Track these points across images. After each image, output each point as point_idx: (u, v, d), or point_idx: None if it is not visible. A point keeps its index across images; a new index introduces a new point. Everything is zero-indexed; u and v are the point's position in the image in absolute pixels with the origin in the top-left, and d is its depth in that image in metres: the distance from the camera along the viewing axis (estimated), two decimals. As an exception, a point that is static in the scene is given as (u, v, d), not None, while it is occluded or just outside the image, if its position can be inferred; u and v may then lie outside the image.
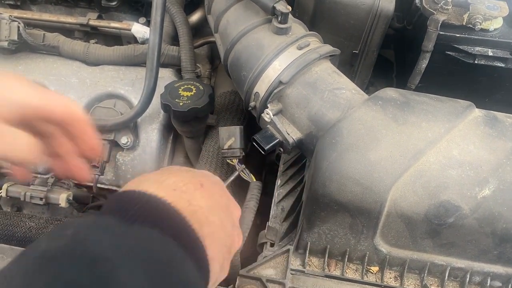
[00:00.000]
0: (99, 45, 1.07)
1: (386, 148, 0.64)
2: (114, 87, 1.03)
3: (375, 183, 0.63)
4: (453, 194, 0.63)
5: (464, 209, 0.63)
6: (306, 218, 0.70)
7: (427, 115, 0.68)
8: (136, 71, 1.05)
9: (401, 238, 0.67)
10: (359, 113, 0.68)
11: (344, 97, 0.74)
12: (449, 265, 0.68)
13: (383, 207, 0.64)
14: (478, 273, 0.69)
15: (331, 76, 0.77)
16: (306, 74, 0.76)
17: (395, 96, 0.71)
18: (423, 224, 0.65)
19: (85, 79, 1.04)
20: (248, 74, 0.79)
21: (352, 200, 0.64)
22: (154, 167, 1.00)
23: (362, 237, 0.68)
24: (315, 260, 0.73)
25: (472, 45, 0.83)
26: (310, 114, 0.75)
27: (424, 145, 0.65)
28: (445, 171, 0.64)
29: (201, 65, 1.09)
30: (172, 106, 0.87)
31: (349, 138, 0.66)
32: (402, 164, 0.64)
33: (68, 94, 1.03)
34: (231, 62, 0.84)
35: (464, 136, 0.67)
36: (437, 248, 0.68)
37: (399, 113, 0.68)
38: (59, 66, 1.06)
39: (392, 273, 0.71)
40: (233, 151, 0.78)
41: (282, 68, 0.75)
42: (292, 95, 0.76)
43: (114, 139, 0.99)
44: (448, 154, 0.65)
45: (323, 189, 0.65)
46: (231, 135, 0.78)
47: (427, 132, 0.66)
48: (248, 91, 0.80)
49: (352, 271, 0.72)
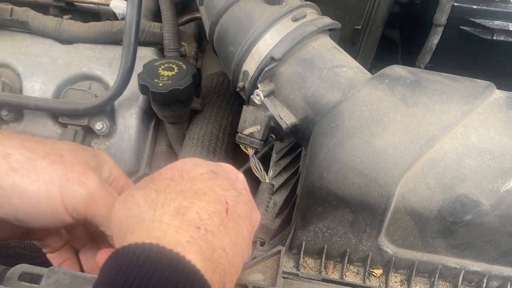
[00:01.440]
0: (73, 21, 0.98)
1: (394, 133, 0.56)
2: (90, 67, 0.94)
3: (381, 174, 0.56)
4: (472, 188, 0.56)
5: (484, 205, 0.56)
6: (301, 214, 0.62)
7: (441, 96, 0.60)
8: (114, 50, 0.97)
9: (409, 238, 0.60)
10: (362, 93, 0.59)
11: (346, 76, 0.65)
12: (463, 268, 0.62)
13: (390, 202, 0.56)
14: (497, 277, 0.62)
15: (330, 52, 0.68)
16: (302, 49, 0.68)
17: (404, 74, 0.62)
18: (435, 222, 0.58)
19: (57, 59, 0.96)
20: (235, 50, 0.70)
21: (353, 194, 0.57)
22: (133, 156, 0.91)
23: (365, 236, 0.61)
24: (311, 262, 0.66)
25: (490, 19, 0.75)
26: (306, 95, 0.66)
27: (438, 131, 0.57)
28: (462, 160, 0.56)
29: (186, 44, 0.99)
30: (151, 87, 0.78)
31: (351, 122, 0.57)
32: (413, 152, 0.56)
33: (38, 75, 0.94)
34: (217, 37, 0.75)
35: (484, 120, 0.59)
36: (450, 249, 0.61)
37: (409, 94, 0.59)
38: (29, 44, 0.97)
39: (398, 276, 0.65)
40: (252, 140, 0.66)
41: (275, 42, 0.67)
42: (285, 74, 0.67)
43: (88, 124, 0.90)
44: (465, 141, 0.57)
45: (320, 181, 0.57)
46: (256, 121, 0.66)
47: (441, 115, 0.58)
48: (235, 70, 0.71)
49: (353, 274, 0.65)
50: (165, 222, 0.36)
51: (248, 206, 0.44)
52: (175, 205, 0.38)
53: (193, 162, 0.44)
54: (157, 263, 0.32)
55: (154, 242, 0.34)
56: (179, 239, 0.35)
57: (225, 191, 0.42)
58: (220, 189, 0.42)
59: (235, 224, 0.41)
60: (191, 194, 0.39)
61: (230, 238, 0.39)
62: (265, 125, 0.65)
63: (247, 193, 0.46)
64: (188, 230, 0.36)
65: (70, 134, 0.90)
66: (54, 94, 0.92)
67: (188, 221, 0.37)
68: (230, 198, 0.42)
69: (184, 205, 0.38)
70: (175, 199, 0.38)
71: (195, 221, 0.37)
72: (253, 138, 0.65)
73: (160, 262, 0.32)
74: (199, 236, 0.36)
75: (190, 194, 0.39)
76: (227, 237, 0.39)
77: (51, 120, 0.93)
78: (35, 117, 0.93)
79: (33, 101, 0.89)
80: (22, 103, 0.89)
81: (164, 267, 0.32)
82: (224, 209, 0.40)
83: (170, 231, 0.35)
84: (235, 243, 0.40)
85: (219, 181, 0.43)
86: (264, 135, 0.66)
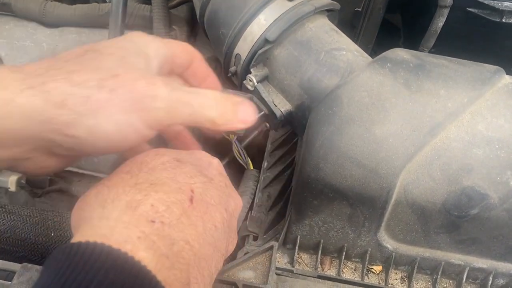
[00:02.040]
0: (58, 3, 0.93)
1: (396, 121, 0.52)
2: (75, 52, 0.88)
3: (382, 165, 0.52)
4: (479, 179, 0.52)
5: (492, 198, 0.52)
6: (296, 207, 0.58)
7: (446, 81, 0.56)
8: (101, 34, 0.92)
9: (411, 233, 0.57)
10: (362, 77, 0.55)
11: (344, 59, 0.61)
12: (468, 265, 0.58)
13: (391, 194, 0.53)
14: (503, 275, 0.59)
15: (328, 35, 0.64)
16: (298, 31, 0.63)
17: (407, 57, 0.58)
18: (439, 216, 0.54)
19: (41, 43, 0.91)
20: (227, 31, 0.66)
21: (352, 186, 0.53)
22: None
23: (363, 231, 0.57)
24: (306, 257, 0.62)
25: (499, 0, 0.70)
26: (302, 80, 0.62)
27: (443, 118, 0.53)
28: (469, 150, 0.52)
29: (178, 28, 0.94)
30: (137, 71, 0.73)
31: (350, 108, 0.53)
32: (416, 141, 0.52)
33: (21, 59, 0.89)
34: (207, 18, 0.71)
35: (492, 107, 0.55)
36: (455, 245, 0.57)
37: (413, 78, 0.55)
38: (12, 27, 0.92)
39: (398, 273, 0.61)
40: None
41: (269, 23, 0.62)
42: (280, 57, 0.63)
43: (73, 111, 0.85)
44: (472, 130, 0.53)
45: (316, 172, 0.53)
46: None
47: (446, 101, 0.54)
48: (227, 53, 0.67)
49: (351, 270, 0.61)
50: (113, 219, 0.33)
51: (222, 192, 0.41)
52: (126, 200, 0.34)
53: (156, 153, 0.41)
54: (100, 264, 0.29)
55: (99, 241, 0.30)
56: (128, 235, 0.31)
57: (190, 179, 0.38)
58: (184, 177, 0.38)
59: (203, 213, 0.37)
60: (146, 186, 0.35)
61: (195, 228, 0.36)
62: None
63: (222, 179, 0.43)
64: (139, 225, 0.32)
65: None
66: (38, 80, 0.87)
67: (139, 215, 0.33)
68: (196, 185, 0.38)
69: (137, 199, 0.34)
70: (127, 193, 0.35)
71: (148, 215, 0.33)
72: None
73: (104, 262, 0.29)
74: (153, 230, 0.32)
75: (146, 186, 0.35)
76: (191, 228, 0.35)
77: (35, 107, 0.89)
78: (18, 104, 0.89)
79: (15, 87, 0.84)
80: (4, 89, 0.84)
81: (109, 268, 0.29)
82: (188, 198, 0.37)
83: (118, 228, 0.32)
84: (202, 234, 0.36)
85: (184, 169, 0.39)
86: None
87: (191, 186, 0.38)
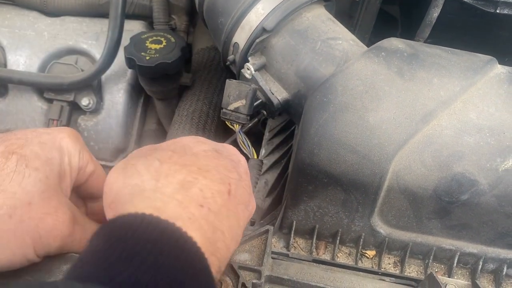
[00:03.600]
0: (59, -8, 0.93)
1: (389, 108, 0.53)
2: (76, 41, 0.90)
3: (374, 151, 0.53)
4: (469, 166, 0.53)
5: (481, 184, 0.53)
6: (291, 193, 0.60)
7: (439, 70, 0.57)
8: (101, 23, 0.93)
9: (403, 218, 0.58)
10: (357, 66, 0.56)
11: (340, 48, 0.62)
12: (458, 250, 0.59)
13: (383, 180, 0.54)
14: (493, 259, 0.60)
15: (325, 24, 0.65)
16: (295, 20, 0.64)
17: (401, 47, 0.59)
18: (430, 202, 0.55)
19: (42, 32, 0.91)
20: (225, 21, 0.67)
21: (345, 172, 0.54)
22: (121, 133, 0.88)
23: (357, 216, 0.59)
24: (302, 242, 0.64)
25: (494, -10, 0.70)
26: (298, 69, 0.63)
27: (435, 106, 0.54)
28: (460, 137, 0.53)
29: (177, 17, 0.95)
30: (137, 60, 0.74)
31: (344, 96, 0.54)
32: (408, 128, 0.53)
33: (23, 48, 0.90)
34: (206, 7, 0.71)
35: (484, 96, 0.56)
36: (446, 230, 0.58)
37: (406, 67, 0.56)
38: (13, 16, 0.93)
39: (391, 258, 0.63)
40: (238, 115, 0.62)
41: (266, 12, 0.63)
42: (277, 46, 0.64)
43: (74, 100, 0.87)
44: (464, 118, 0.54)
45: (311, 158, 0.54)
46: (241, 95, 0.61)
47: (439, 90, 0.55)
48: (225, 42, 0.67)
49: (345, 255, 0.63)
50: (167, 195, 0.33)
51: (247, 192, 0.42)
52: (179, 178, 0.35)
53: (196, 140, 0.41)
54: (155, 236, 0.30)
55: (154, 214, 0.31)
56: (181, 214, 0.32)
57: (228, 172, 0.39)
58: (224, 169, 0.39)
59: (235, 208, 0.38)
60: (195, 169, 0.36)
61: (229, 221, 0.37)
62: (250, 99, 0.61)
63: (247, 178, 0.44)
64: (190, 206, 0.33)
65: (55, 110, 0.87)
66: (39, 68, 0.88)
67: (191, 197, 0.34)
68: (232, 180, 0.39)
69: (188, 180, 0.35)
70: (179, 172, 0.35)
71: (198, 198, 0.34)
72: (239, 113, 0.61)
73: (159, 235, 0.30)
74: (201, 214, 0.33)
75: (195, 169, 0.36)
76: (226, 220, 0.36)
77: (36, 95, 0.90)
78: (20, 92, 0.90)
79: (17, 75, 0.85)
80: (5, 77, 0.85)
81: (163, 240, 0.30)
82: (227, 191, 0.37)
83: (172, 204, 0.33)
84: (232, 228, 0.37)
85: (223, 161, 0.40)
86: (250, 109, 0.62)
87: (230, 180, 0.38)
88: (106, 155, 0.91)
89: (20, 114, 0.90)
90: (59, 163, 0.41)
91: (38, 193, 0.38)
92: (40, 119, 0.90)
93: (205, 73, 0.88)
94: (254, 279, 0.49)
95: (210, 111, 0.82)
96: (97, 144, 0.89)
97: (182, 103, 0.85)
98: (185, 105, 0.83)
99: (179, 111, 0.83)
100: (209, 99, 0.83)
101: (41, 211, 0.38)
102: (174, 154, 0.38)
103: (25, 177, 0.38)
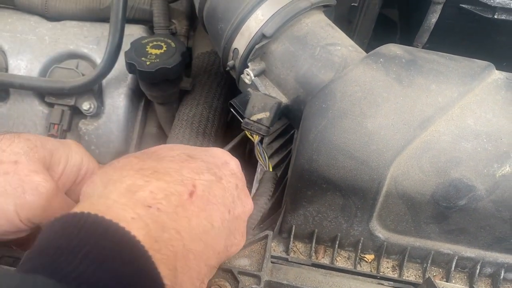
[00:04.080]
0: (60, -3, 0.93)
1: (387, 114, 0.54)
2: (77, 45, 0.91)
3: (373, 157, 0.53)
4: (467, 172, 0.53)
5: (479, 190, 0.54)
6: (291, 197, 0.60)
7: (437, 76, 0.57)
8: (102, 27, 0.93)
9: (402, 223, 0.59)
10: (355, 72, 0.57)
11: (339, 54, 0.63)
12: (456, 254, 0.60)
13: (382, 185, 0.54)
14: (490, 263, 0.60)
15: (324, 30, 0.65)
16: (294, 26, 0.65)
17: (399, 53, 0.59)
18: (428, 207, 0.56)
19: (43, 36, 0.92)
20: (225, 26, 0.67)
21: (344, 177, 0.54)
22: (121, 137, 0.88)
23: (356, 221, 0.59)
24: (301, 246, 0.64)
25: (492, -4, 0.71)
26: (298, 74, 0.63)
27: (433, 112, 0.55)
28: (458, 143, 0.54)
29: (177, 22, 0.96)
30: (138, 65, 0.75)
31: (343, 102, 0.55)
32: (406, 134, 0.54)
33: (24, 53, 0.90)
34: (207, 13, 0.72)
35: (481, 102, 0.57)
36: (444, 235, 0.59)
37: (404, 73, 0.57)
38: (14, 21, 0.94)
39: (390, 262, 0.63)
40: (260, 127, 0.63)
41: (266, 18, 0.64)
42: (277, 52, 0.65)
43: (75, 104, 0.87)
44: (461, 124, 0.55)
45: (310, 163, 0.54)
46: (266, 108, 0.63)
47: (437, 96, 0.56)
48: (225, 47, 0.68)
49: (344, 259, 0.63)
50: (111, 199, 0.35)
51: (228, 193, 0.42)
52: (128, 183, 0.36)
53: (170, 147, 0.43)
54: (93, 231, 0.31)
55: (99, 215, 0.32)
56: (124, 215, 0.33)
57: (195, 174, 0.40)
58: (189, 172, 0.40)
59: (201, 209, 0.39)
60: (149, 172, 0.37)
61: (189, 222, 0.37)
62: (274, 112, 0.62)
63: (232, 180, 0.44)
64: (135, 208, 0.34)
65: (57, 114, 0.88)
66: (40, 72, 0.89)
67: (136, 200, 0.35)
68: (201, 182, 0.40)
69: (138, 184, 0.36)
70: (130, 177, 0.37)
71: (145, 200, 0.35)
72: (261, 125, 0.62)
73: (97, 230, 0.31)
74: (148, 214, 0.34)
75: (149, 172, 0.37)
76: (184, 220, 0.37)
77: (37, 99, 0.90)
78: (21, 97, 0.90)
79: (18, 80, 0.86)
80: (7, 81, 0.86)
81: (101, 235, 0.31)
82: (188, 192, 0.38)
83: (114, 208, 0.34)
84: (195, 228, 0.38)
85: (192, 164, 0.41)
86: (272, 122, 0.63)
87: (195, 182, 0.39)
88: (107, 159, 0.92)
89: (22, 118, 0.91)
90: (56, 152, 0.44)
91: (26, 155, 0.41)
92: (41, 123, 0.91)
93: (205, 78, 0.89)
94: (254, 284, 0.50)
95: (210, 115, 0.83)
96: (98, 148, 0.89)
97: (182, 107, 0.85)
98: (185, 110, 0.83)
99: (179, 115, 0.84)
100: (209, 103, 0.84)
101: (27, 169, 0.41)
102: (134, 159, 0.40)
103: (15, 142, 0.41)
